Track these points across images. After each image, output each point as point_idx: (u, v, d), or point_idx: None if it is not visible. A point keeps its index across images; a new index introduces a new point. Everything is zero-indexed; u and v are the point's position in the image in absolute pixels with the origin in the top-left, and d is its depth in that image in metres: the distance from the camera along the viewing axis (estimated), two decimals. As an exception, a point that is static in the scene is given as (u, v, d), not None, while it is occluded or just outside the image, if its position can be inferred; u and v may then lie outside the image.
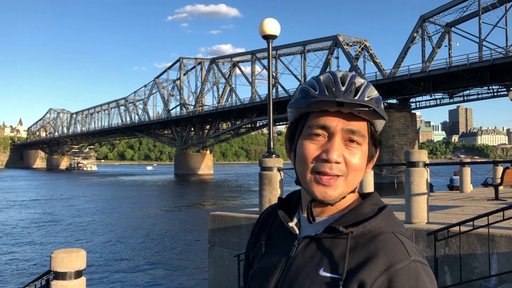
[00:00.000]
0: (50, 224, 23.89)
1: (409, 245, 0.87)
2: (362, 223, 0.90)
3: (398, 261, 0.83)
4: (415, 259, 0.85)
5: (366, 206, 0.94)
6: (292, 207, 1.04)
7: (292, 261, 0.94)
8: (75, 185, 63.61)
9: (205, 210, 26.02)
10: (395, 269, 0.82)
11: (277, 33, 8.66)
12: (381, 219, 0.91)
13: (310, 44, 75.78)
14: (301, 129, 0.95)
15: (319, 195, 0.91)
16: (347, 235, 0.89)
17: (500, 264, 5.29)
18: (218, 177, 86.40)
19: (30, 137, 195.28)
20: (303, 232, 0.97)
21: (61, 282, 4.24)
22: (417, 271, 0.83)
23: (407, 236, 0.91)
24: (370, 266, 0.84)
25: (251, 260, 1.09)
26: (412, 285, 0.81)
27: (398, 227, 0.92)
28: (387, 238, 0.88)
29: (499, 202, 9.49)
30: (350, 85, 0.90)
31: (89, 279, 6.52)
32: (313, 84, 0.92)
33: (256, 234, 1.11)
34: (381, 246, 0.86)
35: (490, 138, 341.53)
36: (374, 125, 0.95)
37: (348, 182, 0.92)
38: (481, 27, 55.74)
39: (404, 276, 0.82)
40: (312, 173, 0.91)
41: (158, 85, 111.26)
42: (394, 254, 0.85)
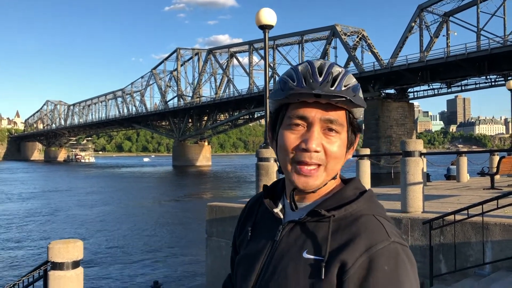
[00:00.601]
0: (47, 215, 23.92)
1: (389, 227, 0.90)
2: (344, 206, 0.93)
3: (378, 242, 0.86)
4: (394, 240, 0.87)
5: (348, 191, 0.97)
6: (277, 194, 1.07)
7: (277, 245, 0.96)
8: (73, 177, 63.61)
9: (202, 201, 26.08)
10: (376, 250, 0.85)
11: (273, 23, 8.63)
12: (362, 202, 0.94)
13: (308, 34, 75.47)
14: (281, 119, 0.97)
15: (300, 185, 0.94)
16: (329, 218, 0.91)
17: (494, 252, 5.34)
18: (216, 169, 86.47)
19: (27, 129, 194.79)
20: (287, 217, 0.99)
21: (58, 272, 4.28)
22: (396, 252, 0.86)
23: (387, 219, 0.93)
24: (352, 247, 0.86)
25: (237, 247, 1.11)
26: (391, 265, 0.84)
27: (378, 210, 0.94)
28: (368, 220, 0.90)
29: (495, 191, 9.55)
30: (327, 75, 0.91)
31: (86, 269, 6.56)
32: (291, 75, 0.94)
33: (242, 222, 1.13)
34: (362, 228, 0.89)
35: (488, 127, 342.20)
36: (352, 113, 0.96)
37: (328, 170, 0.94)
38: (479, 17, 55.61)
39: (384, 256, 0.84)
40: (293, 162, 0.94)
41: (155, 76, 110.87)
42: (375, 236, 0.87)
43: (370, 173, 10.74)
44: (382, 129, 62.90)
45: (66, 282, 4.28)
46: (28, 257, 14.56)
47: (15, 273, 11.97)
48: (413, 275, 0.87)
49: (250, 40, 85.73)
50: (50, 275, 4.29)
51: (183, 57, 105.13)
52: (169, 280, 11.33)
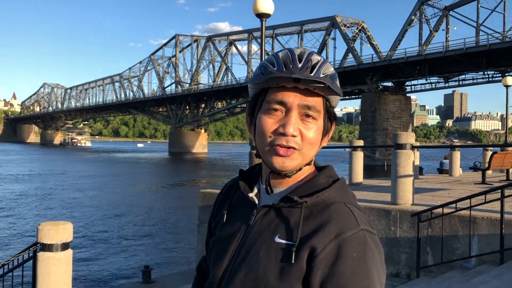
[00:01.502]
0: (40, 198, 23.93)
1: (358, 215, 0.92)
2: (316, 193, 0.95)
3: (348, 229, 0.88)
4: (363, 228, 0.90)
5: (321, 178, 0.99)
6: (253, 179, 1.08)
7: (250, 229, 0.98)
8: (68, 160, 63.53)
9: (196, 188, 26.15)
10: (345, 237, 0.88)
11: (270, 11, 8.60)
12: (334, 190, 0.96)
13: (307, 24, 75.11)
14: (260, 104, 0.99)
15: (277, 166, 0.96)
16: (302, 204, 0.94)
17: (480, 246, 5.42)
18: (212, 156, 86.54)
19: (24, 111, 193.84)
20: (262, 202, 1.01)
21: (47, 253, 4.31)
22: (364, 239, 0.89)
23: (357, 207, 0.96)
24: (321, 233, 0.89)
25: (213, 229, 1.13)
26: (359, 251, 0.87)
27: (349, 198, 0.97)
28: (338, 208, 0.93)
29: (486, 186, 9.62)
30: (306, 62, 0.94)
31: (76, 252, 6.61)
32: (272, 60, 0.96)
33: (218, 204, 1.14)
34: (333, 215, 0.91)
35: (484, 123, 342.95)
36: (329, 100, 0.98)
37: (304, 155, 0.96)
38: (479, 12, 55.47)
39: (352, 243, 0.87)
40: (270, 145, 0.96)
41: (154, 62, 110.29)
42: (344, 223, 0.90)
43: (365, 165, 10.81)
44: (379, 121, 62.98)
45: (55, 263, 4.31)
46: (19, 238, 14.60)
47: (5, 254, 12.01)
48: (380, 262, 0.90)
49: (249, 29, 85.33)
50: (39, 256, 4.32)
51: (182, 43, 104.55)
52: (160, 264, 11.40)
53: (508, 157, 11.19)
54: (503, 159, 11.09)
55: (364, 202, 6.80)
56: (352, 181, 10.16)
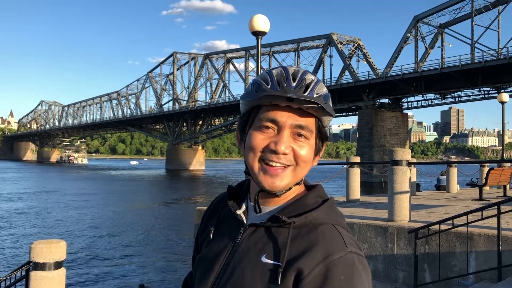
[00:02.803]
0: (33, 216, 23.63)
1: (346, 237, 0.91)
2: (305, 214, 0.94)
3: (336, 252, 0.87)
4: (351, 250, 0.89)
5: (310, 198, 0.98)
6: (242, 195, 1.07)
7: (237, 247, 0.97)
8: (64, 178, 63.24)
9: (193, 205, 25.99)
10: (332, 259, 0.86)
11: (266, 29, 8.67)
12: (323, 210, 0.95)
13: (304, 42, 75.80)
14: (252, 121, 0.98)
15: (267, 185, 0.94)
16: (290, 224, 0.92)
17: (478, 263, 5.37)
18: (209, 173, 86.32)
19: (21, 129, 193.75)
20: (250, 220, 1.00)
21: (40, 272, 4.24)
22: (352, 262, 0.87)
23: (346, 228, 0.95)
24: (309, 255, 0.87)
25: (200, 246, 1.11)
26: (347, 274, 0.85)
27: (337, 219, 0.96)
28: (326, 229, 0.92)
29: (483, 202, 9.58)
30: (300, 81, 0.93)
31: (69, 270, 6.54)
32: (266, 78, 0.95)
33: (206, 220, 1.13)
34: (320, 237, 0.90)
35: (481, 139, 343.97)
36: (321, 120, 0.97)
37: (296, 173, 0.95)
38: (474, 29, 56.08)
39: (340, 266, 0.85)
40: (260, 162, 0.95)
41: (151, 80, 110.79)
42: (332, 245, 0.88)
43: (363, 181, 10.78)
44: (376, 138, 63.10)
45: (47, 283, 4.25)
46: (12, 257, 14.39)
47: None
48: (368, 284, 0.88)
49: (246, 46, 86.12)
50: (32, 276, 4.25)
51: (179, 61, 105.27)
52: (155, 283, 11.26)
53: (505, 173, 11.19)
54: (500, 175, 11.09)
55: (360, 219, 6.76)
56: (349, 198, 10.12)
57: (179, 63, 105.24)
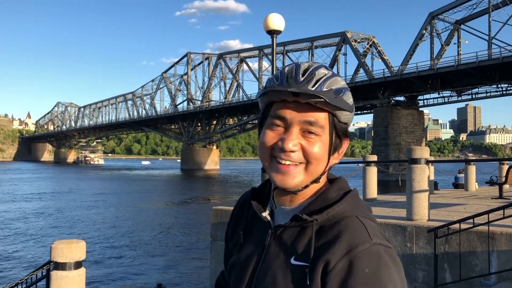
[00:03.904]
0: (53, 216, 23.99)
1: (371, 228, 0.89)
2: (326, 209, 0.92)
3: (360, 244, 0.85)
4: (376, 242, 0.86)
5: (332, 192, 0.95)
6: (265, 196, 1.06)
7: (266, 251, 0.96)
8: (82, 178, 63.96)
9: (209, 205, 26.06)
10: (357, 252, 0.84)
11: (281, 28, 8.63)
12: (345, 204, 0.92)
13: (318, 40, 75.51)
14: (265, 118, 0.97)
15: (278, 183, 0.93)
16: (312, 222, 0.91)
17: (499, 262, 5.27)
18: (223, 173, 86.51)
19: (38, 130, 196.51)
20: (276, 221, 0.99)
21: (61, 272, 4.29)
22: (378, 254, 0.84)
23: (371, 219, 0.92)
24: (333, 249, 0.85)
25: (230, 249, 1.10)
26: (373, 267, 0.82)
27: (361, 211, 0.93)
28: (350, 222, 0.89)
29: (503, 201, 9.44)
30: (309, 75, 0.91)
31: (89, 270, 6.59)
32: (277, 74, 0.95)
33: (234, 221, 1.12)
34: (344, 230, 0.88)
35: (499, 136, 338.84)
36: (336, 116, 0.93)
37: (309, 171, 0.93)
38: (491, 25, 55.26)
39: (365, 258, 0.83)
40: (271, 160, 0.94)
41: (166, 80, 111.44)
42: (356, 237, 0.86)
43: (379, 180, 10.68)
44: (391, 136, 62.58)
45: (68, 282, 4.29)
46: (32, 256, 14.61)
47: (19, 272, 12.03)
48: (398, 277, 0.85)
49: (260, 46, 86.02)
50: (53, 275, 4.30)
51: (193, 61, 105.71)
52: (172, 282, 11.31)
53: (525, 171, 10.97)
54: (520, 173, 10.88)
55: (379, 218, 6.70)
56: (366, 197, 10.04)
57: (193, 63, 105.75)
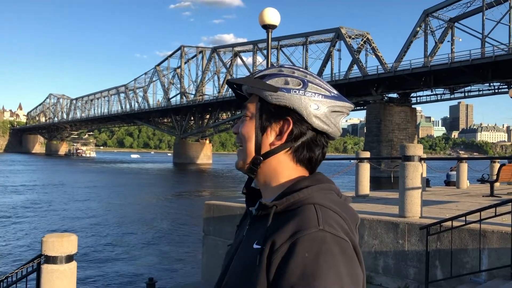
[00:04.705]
0: (44, 209, 23.84)
1: (325, 216, 0.86)
2: (286, 196, 0.93)
3: (306, 229, 0.83)
4: (324, 228, 0.83)
5: (301, 183, 0.95)
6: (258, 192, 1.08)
7: (243, 240, 0.99)
8: (73, 171, 63.65)
9: (201, 199, 26.04)
10: (300, 236, 0.83)
11: (276, 22, 8.58)
12: (307, 193, 0.92)
13: (312, 36, 75.42)
14: None
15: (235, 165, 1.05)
16: (272, 208, 0.92)
17: (490, 260, 5.31)
18: (216, 167, 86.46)
19: (29, 122, 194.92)
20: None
21: (51, 266, 4.25)
22: (322, 240, 0.82)
23: (333, 210, 0.89)
24: (280, 232, 0.86)
25: None
26: (313, 251, 0.80)
27: (322, 201, 0.90)
28: (305, 209, 0.89)
29: (494, 199, 9.51)
30: (257, 72, 1.03)
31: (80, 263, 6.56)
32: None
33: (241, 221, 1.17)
34: (296, 215, 0.88)
35: (490, 135, 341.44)
36: (263, 97, 0.99)
37: (243, 150, 1.02)
38: (485, 23, 55.55)
39: (306, 242, 0.82)
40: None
41: (159, 73, 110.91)
42: (304, 222, 0.85)
43: (371, 176, 10.69)
44: (384, 133, 62.82)
45: (59, 276, 4.26)
46: (23, 250, 14.51)
47: (9, 266, 11.95)
48: (345, 269, 0.81)
49: (254, 40, 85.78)
50: (43, 269, 4.27)
51: (187, 54, 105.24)
52: (164, 276, 11.30)
53: (516, 169, 11.07)
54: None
55: (371, 214, 6.71)
56: (358, 193, 10.06)
57: (187, 56, 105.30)
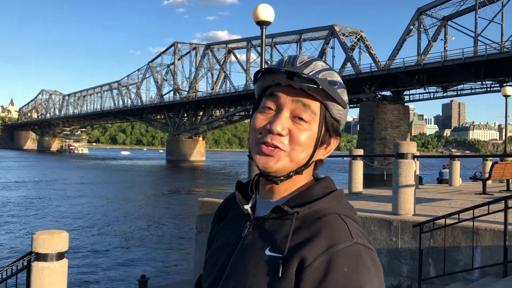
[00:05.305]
0: (35, 206, 23.65)
1: (353, 228, 0.87)
2: (309, 203, 0.90)
3: (340, 242, 0.83)
4: (357, 241, 0.84)
5: (317, 189, 0.94)
6: (251, 190, 1.04)
7: (242, 241, 0.94)
8: (65, 167, 63.28)
9: (194, 196, 25.99)
10: (336, 250, 0.82)
11: (270, 19, 8.56)
12: (329, 200, 0.91)
13: (306, 33, 75.45)
14: (259, 104, 0.98)
15: (260, 165, 0.91)
16: (293, 215, 0.89)
17: (483, 258, 5.32)
18: (209, 164, 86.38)
19: (21, 117, 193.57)
20: (257, 213, 0.98)
21: (42, 263, 4.20)
22: (358, 253, 0.82)
23: (355, 220, 0.90)
24: (312, 245, 0.83)
25: (210, 243, 1.09)
26: (351, 266, 0.80)
27: (345, 210, 0.91)
28: (332, 219, 0.87)
29: (486, 196, 9.55)
30: (306, 64, 0.90)
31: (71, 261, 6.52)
32: (277, 61, 0.95)
33: (217, 217, 1.11)
34: (325, 226, 0.86)
35: (482, 133, 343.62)
36: (328, 108, 0.92)
37: (291, 158, 0.91)
38: (477, 22, 55.82)
39: (344, 257, 0.81)
40: (258, 143, 0.92)
41: (152, 69, 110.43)
42: (336, 235, 0.84)
43: (364, 174, 10.71)
44: (377, 130, 63.02)
45: (49, 273, 4.21)
46: (13, 247, 14.38)
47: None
48: (377, 279, 0.83)
49: (248, 37, 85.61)
50: (34, 266, 4.21)
51: (180, 51, 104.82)
52: (156, 274, 11.26)
53: (508, 167, 11.14)
54: (504, 169, 11.05)
55: (364, 212, 6.71)
56: (351, 191, 10.07)
57: (180, 53, 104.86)
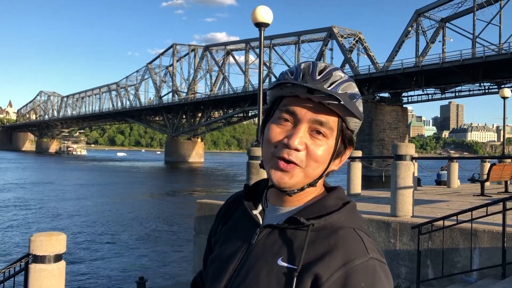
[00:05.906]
0: (33, 207, 23.55)
1: (368, 242, 0.87)
2: (324, 216, 0.90)
3: (356, 257, 0.83)
4: (373, 256, 0.84)
5: (330, 200, 0.94)
6: (259, 195, 1.03)
7: (252, 249, 0.93)
8: (63, 169, 63.12)
9: (193, 198, 25.95)
10: (353, 265, 0.82)
11: (269, 21, 8.56)
12: (343, 214, 0.91)
13: (304, 35, 75.46)
14: (273, 113, 0.95)
15: (275, 180, 0.90)
16: (308, 227, 0.88)
17: (481, 259, 5.32)
18: (208, 166, 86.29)
19: (19, 119, 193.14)
20: (266, 221, 0.96)
21: (39, 265, 4.18)
22: (374, 269, 0.83)
23: (367, 233, 0.91)
24: (328, 260, 0.83)
25: (212, 245, 1.07)
26: (368, 282, 0.81)
27: (359, 223, 0.92)
28: (347, 233, 0.87)
29: (485, 198, 9.56)
30: (326, 76, 0.88)
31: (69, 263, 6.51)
32: (292, 69, 0.92)
33: (220, 219, 1.10)
34: (341, 241, 0.86)
35: (480, 134, 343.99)
36: (346, 122, 0.91)
37: (307, 173, 0.90)
38: (475, 24, 55.89)
39: (361, 272, 0.82)
40: (273, 157, 0.90)
41: (151, 71, 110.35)
42: (353, 250, 0.84)
43: (362, 175, 10.72)
44: (375, 132, 63.04)
45: (47, 275, 4.19)
46: (10, 249, 14.32)
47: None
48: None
49: (247, 39, 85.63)
50: (31, 268, 4.20)
51: (179, 52, 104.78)
52: (155, 276, 11.23)
53: (506, 169, 11.15)
54: (502, 171, 11.05)
55: (363, 213, 6.65)
56: (350, 192, 10.06)
57: (179, 54, 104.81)
